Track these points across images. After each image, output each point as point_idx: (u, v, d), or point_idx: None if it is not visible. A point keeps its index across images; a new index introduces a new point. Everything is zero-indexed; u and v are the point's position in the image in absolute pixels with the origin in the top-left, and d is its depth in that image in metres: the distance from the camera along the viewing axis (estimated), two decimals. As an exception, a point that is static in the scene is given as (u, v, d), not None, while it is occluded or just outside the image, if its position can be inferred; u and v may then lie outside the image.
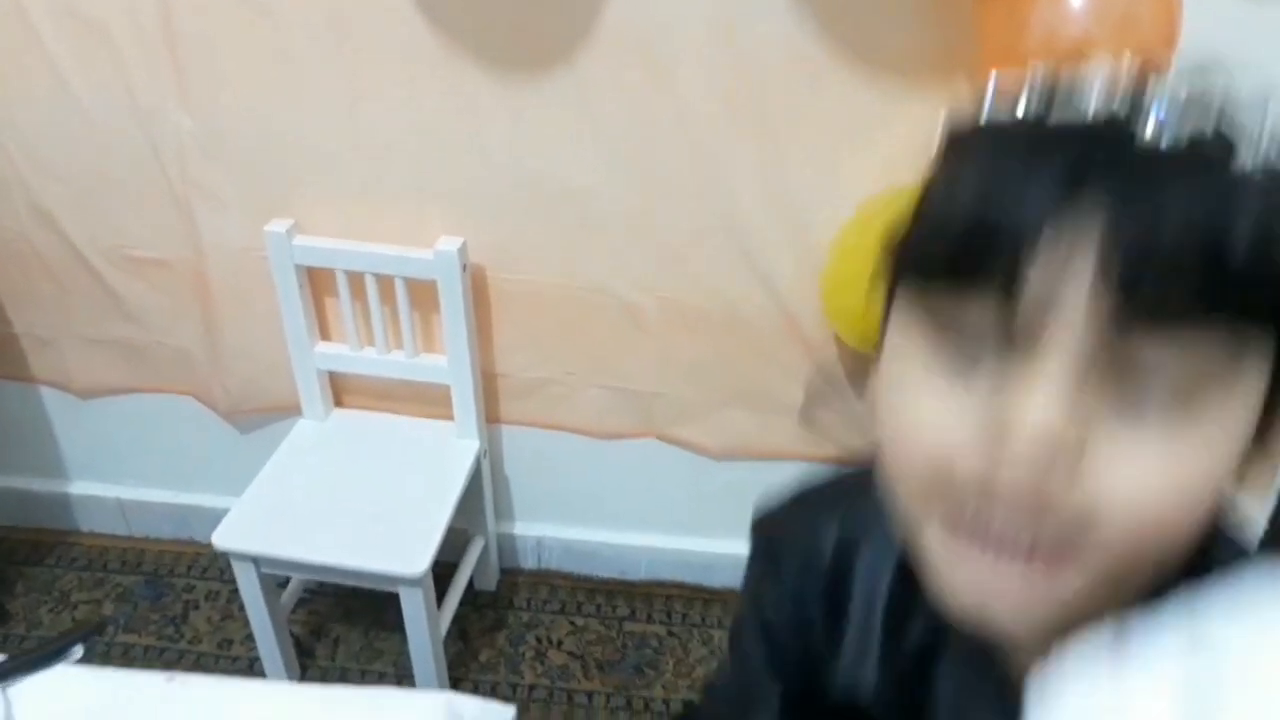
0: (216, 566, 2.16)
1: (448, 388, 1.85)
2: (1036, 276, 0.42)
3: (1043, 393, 0.42)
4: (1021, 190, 0.43)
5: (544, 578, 2.18)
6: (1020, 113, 0.47)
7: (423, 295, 1.76)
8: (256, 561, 1.68)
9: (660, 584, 2.17)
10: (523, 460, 2.06)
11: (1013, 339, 0.44)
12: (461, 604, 2.00)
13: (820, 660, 0.69)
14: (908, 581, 0.63)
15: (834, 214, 1.58)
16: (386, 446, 1.88)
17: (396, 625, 1.83)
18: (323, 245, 1.71)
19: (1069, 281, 0.42)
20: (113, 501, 2.20)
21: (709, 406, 1.92)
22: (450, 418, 1.89)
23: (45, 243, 1.83)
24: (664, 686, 1.97)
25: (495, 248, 1.75)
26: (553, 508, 2.13)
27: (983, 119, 0.48)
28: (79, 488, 2.21)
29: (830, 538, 0.68)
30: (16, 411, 2.10)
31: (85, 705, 1.04)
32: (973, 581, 0.47)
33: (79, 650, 1.11)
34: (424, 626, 1.71)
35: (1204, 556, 0.49)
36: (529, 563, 2.19)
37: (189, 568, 2.18)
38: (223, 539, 1.65)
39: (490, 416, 1.96)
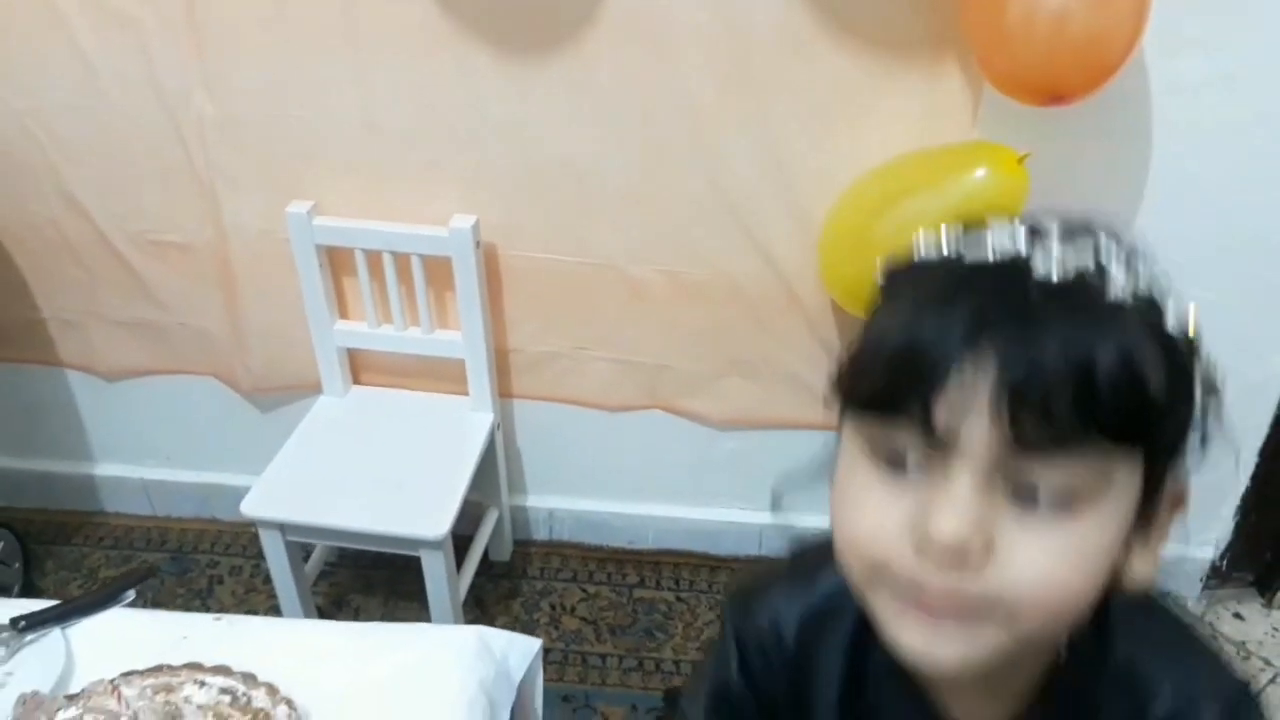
0: (239, 543, 2.24)
1: (461, 363, 1.92)
2: (944, 410, 0.53)
3: (952, 508, 0.54)
4: (932, 340, 0.54)
5: (556, 548, 2.26)
6: (940, 254, 0.59)
7: (437, 273, 1.83)
8: (283, 529, 1.75)
9: (668, 552, 2.24)
10: (534, 433, 2.14)
11: (930, 460, 0.55)
12: (477, 574, 2.07)
13: None
14: (860, 655, 0.75)
15: (829, 185, 1.66)
16: (404, 420, 1.95)
17: (414, 594, 1.91)
18: (342, 225, 1.79)
19: (970, 414, 0.53)
20: (137, 482, 2.28)
21: (711, 377, 1.99)
22: (464, 392, 1.96)
23: (72, 228, 1.90)
24: (673, 649, 2.05)
25: (505, 225, 1.83)
26: (563, 480, 2.21)
27: (911, 261, 0.61)
28: (104, 469, 2.28)
29: (793, 621, 0.78)
30: (44, 395, 2.17)
31: (141, 643, 1.11)
32: (916, 642, 0.58)
33: (131, 594, 1.19)
34: (444, 590, 1.78)
35: (1105, 611, 0.64)
36: (541, 534, 2.27)
37: (212, 545, 2.25)
38: (250, 507, 1.72)
39: (502, 391, 2.03)
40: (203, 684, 1.06)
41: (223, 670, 1.08)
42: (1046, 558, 0.54)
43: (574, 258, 1.86)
